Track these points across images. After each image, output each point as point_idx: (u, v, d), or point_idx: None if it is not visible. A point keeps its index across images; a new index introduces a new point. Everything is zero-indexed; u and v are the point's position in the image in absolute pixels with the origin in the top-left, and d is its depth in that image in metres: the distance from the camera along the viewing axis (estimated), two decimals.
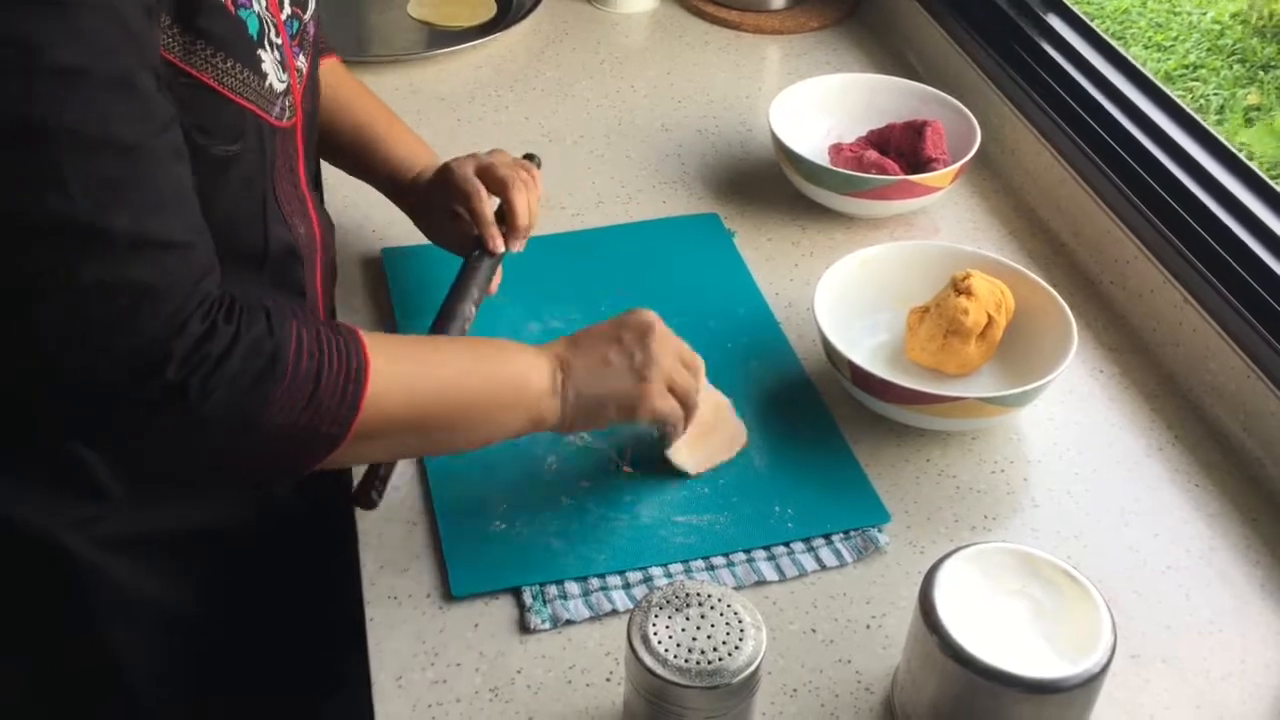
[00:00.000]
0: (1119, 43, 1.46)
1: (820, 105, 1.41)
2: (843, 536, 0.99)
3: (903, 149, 1.34)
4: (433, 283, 1.21)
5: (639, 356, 0.95)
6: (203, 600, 1.00)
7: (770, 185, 1.39)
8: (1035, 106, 1.36)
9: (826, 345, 1.08)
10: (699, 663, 0.76)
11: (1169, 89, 1.31)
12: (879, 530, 1.00)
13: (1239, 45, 3.33)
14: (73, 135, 0.70)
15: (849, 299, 1.14)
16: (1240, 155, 1.21)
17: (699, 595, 0.79)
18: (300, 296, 1.00)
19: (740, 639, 0.77)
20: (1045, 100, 1.36)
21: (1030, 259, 1.30)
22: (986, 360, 1.12)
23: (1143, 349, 1.20)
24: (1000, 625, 0.79)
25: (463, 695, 0.88)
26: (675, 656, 0.76)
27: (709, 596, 0.79)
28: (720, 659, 0.76)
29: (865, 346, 1.14)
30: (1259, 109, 3.11)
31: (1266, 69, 3.23)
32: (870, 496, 1.02)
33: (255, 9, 0.86)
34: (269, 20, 0.88)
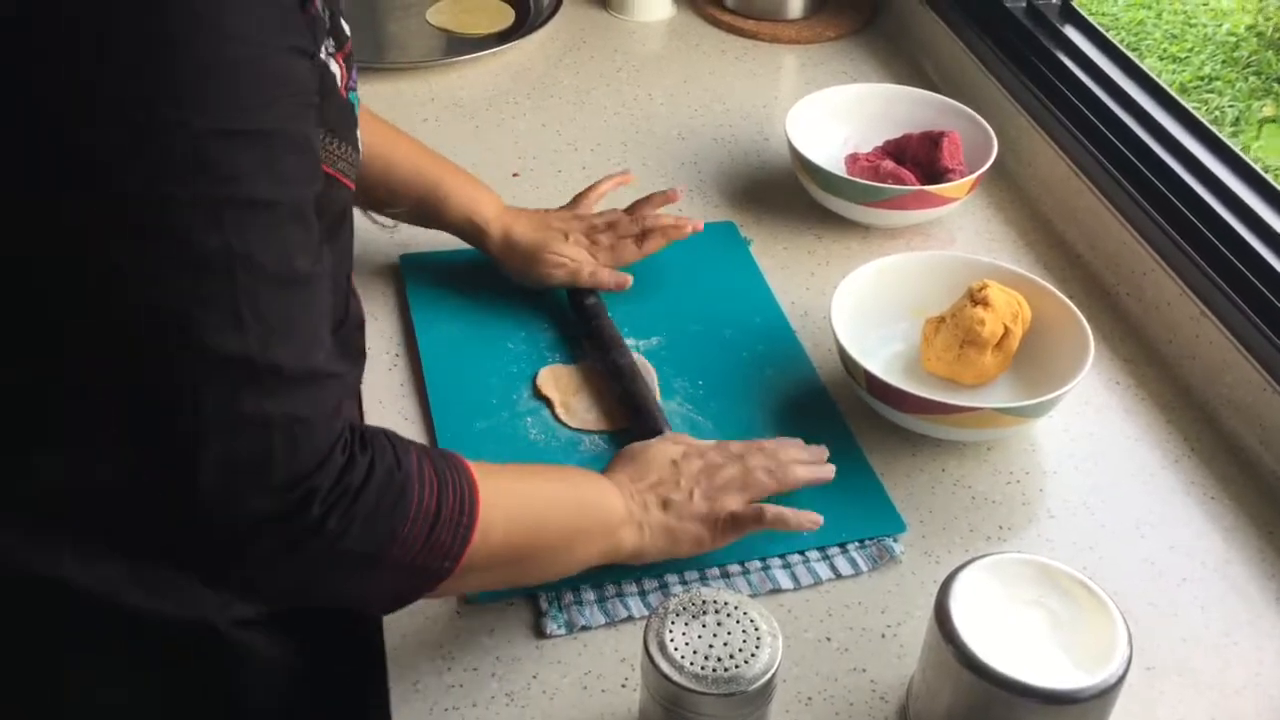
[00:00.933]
0: (1134, 54, 1.46)
1: (837, 115, 1.42)
2: (858, 545, 0.99)
3: (919, 159, 1.34)
4: (451, 290, 1.22)
5: (698, 499, 0.94)
6: (314, 650, 0.99)
7: (786, 194, 1.39)
8: (1052, 118, 1.37)
9: (843, 354, 1.08)
10: (715, 670, 0.76)
11: (1184, 100, 1.31)
12: (894, 539, 1.00)
13: (1254, 57, 3.33)
14: (255, 267, 0.69)
15: (865, 308, 1.14)
16: (1256, 167, 1.21)
17: (715, 603, 0.79)
18: (362, 357, 1.01)
19: (756, 647, 0.77)
20: (1062, 111, 1.36)
21: (1046, 270, 1.30)
22: (1002, 371, 1.12)
23: (1159, 361, 1.20)
24: (1016, 635, 0.79)
25: (479, 700, 0.88)
26: (691, 663, 0.76)
27: (725, 604, 0.79)
28: (736, 666, 0.76)
29: (881, 356, 1.15)
30: (1275, 120, 3.11)
31: None
32: (886, 506, 1.02)
33: (356, 88, 0.86)
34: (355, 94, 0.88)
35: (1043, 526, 1.03)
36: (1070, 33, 1.46)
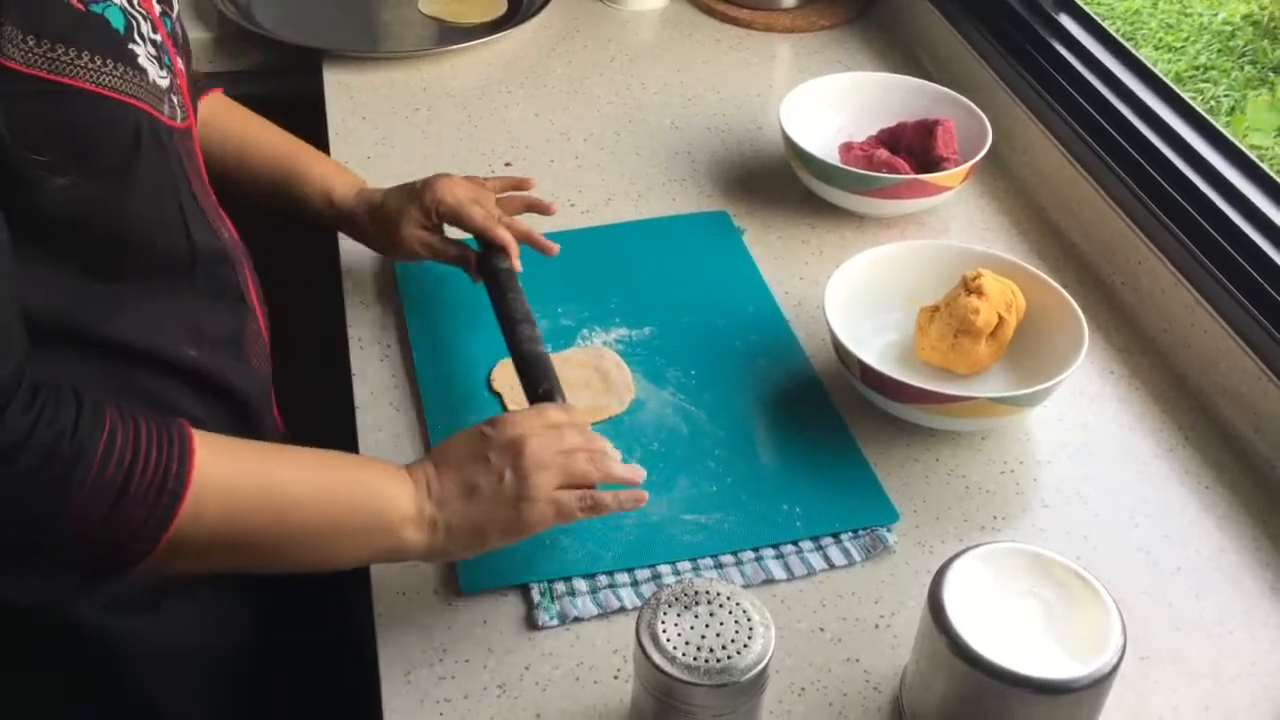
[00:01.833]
0: (1130, 43, 1.46)
1: (831, 104, 1.41)
2: (851, 535, 0.99)
3: (914, 148, 1.34)
4: (444, 292, 1.21)
5: (509, 479, 0.85)
6: (230, 634, 0.98)
7: (780, 183, 1.39)
8: (1046, 106, 1.36)
9: (836, 344, 1.08)
10: (707, 661, 0.76)
11: (1180, 90, 1.31)
12: (888, 530, 0.99)
13: (1250, 47, 3.32)
14: None
15: (859, 298, 1.13)
16: (1251, 155, 1.21)
17: (708, 593, 0.79)
18: (239, 301, 0.98)
19: (749, 637, 0.77)
20: (1056, 100, 1.36)
21: (1041, 259, 1.30)
22: (997, 360, 1.12)
23: (1153, 350, 1.19)
24: (1009, 625, 0.79)
25: (471, 692, 0.88)
26: (684, 654, 0.76)
27: (718, 595, 0.79)
28: (729, 657, 0.76)
29: (875, 345, 1.14)
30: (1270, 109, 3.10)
31: (1278, 70, 3.22)
32: (879, 496, 1.02)
33: (116, 2, 0.82)
34: (137, 13, 0.84)
35: (1036, 516, 1.03)
36: (1065, 21, 1.46)
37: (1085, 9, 1.46)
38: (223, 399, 0.95)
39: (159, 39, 0.87)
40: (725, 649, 0.76)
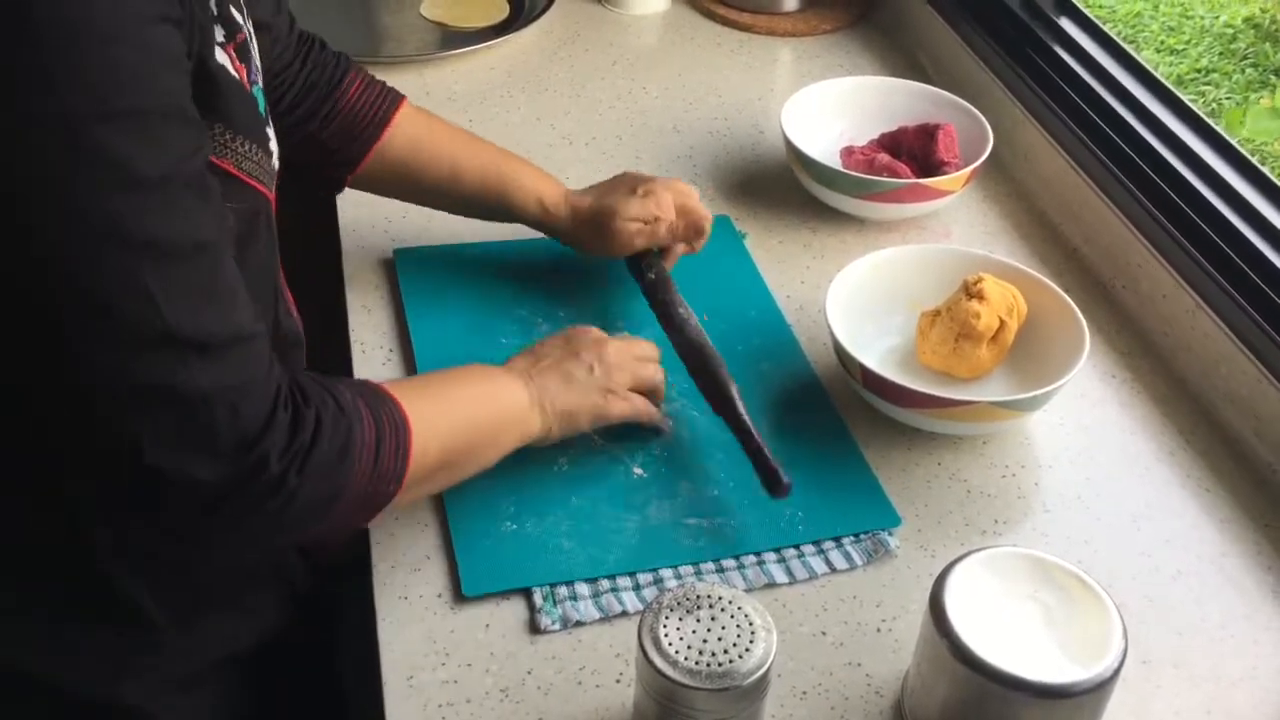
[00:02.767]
0: (1131, 46, 1.46)
1: (832, 108, 1.41)
2: (853, 539, 0.99)
3: (915, 152, 1.34)
4: (445, 282, 1.22)
5: (598, 370, 1.00)
6: (265, 709, 0.99)
7: (781, 187, 1.39)
8: (1048, 110, 1.36)
9: (838, 348, 1.08)
10: (709, 665, 0.76)
11: (1181, 93, 1.31)
12: (889, 533, 1.00)
13: (1252, 49, 3.32)
14: (160, 246, 0.69)
15: (860, 302, 1.14)
16: (1253, 160, 1.21)
17: (709, 597, 0.79)
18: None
19: (751, 641, 0.77)
20: (1057, 104, 1.36)
21: (1042, 263, 1.30)
22: (998, 364, 1.12)
23: (1154, 354, 1.19)
24: (1011, 629, 0.79)
25: (473, 695, 0.88)
26: (686, 658, 0.76)
27: (719, 599, 0.79)
28: (731, 661, 0.76)
29: (876, 350, 1.14)
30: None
31: (1279, 73, 3.22)
32: (880, 500, 1.02)
33: (261, 83, 0.84)
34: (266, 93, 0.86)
35: (1038, 520, 1.03)
36: (1066, 25, 1.46)
37: (1086, 12, 1.46)
38: None
39: (268, 116, 0.88)
40: (727, 653, 0.76)
